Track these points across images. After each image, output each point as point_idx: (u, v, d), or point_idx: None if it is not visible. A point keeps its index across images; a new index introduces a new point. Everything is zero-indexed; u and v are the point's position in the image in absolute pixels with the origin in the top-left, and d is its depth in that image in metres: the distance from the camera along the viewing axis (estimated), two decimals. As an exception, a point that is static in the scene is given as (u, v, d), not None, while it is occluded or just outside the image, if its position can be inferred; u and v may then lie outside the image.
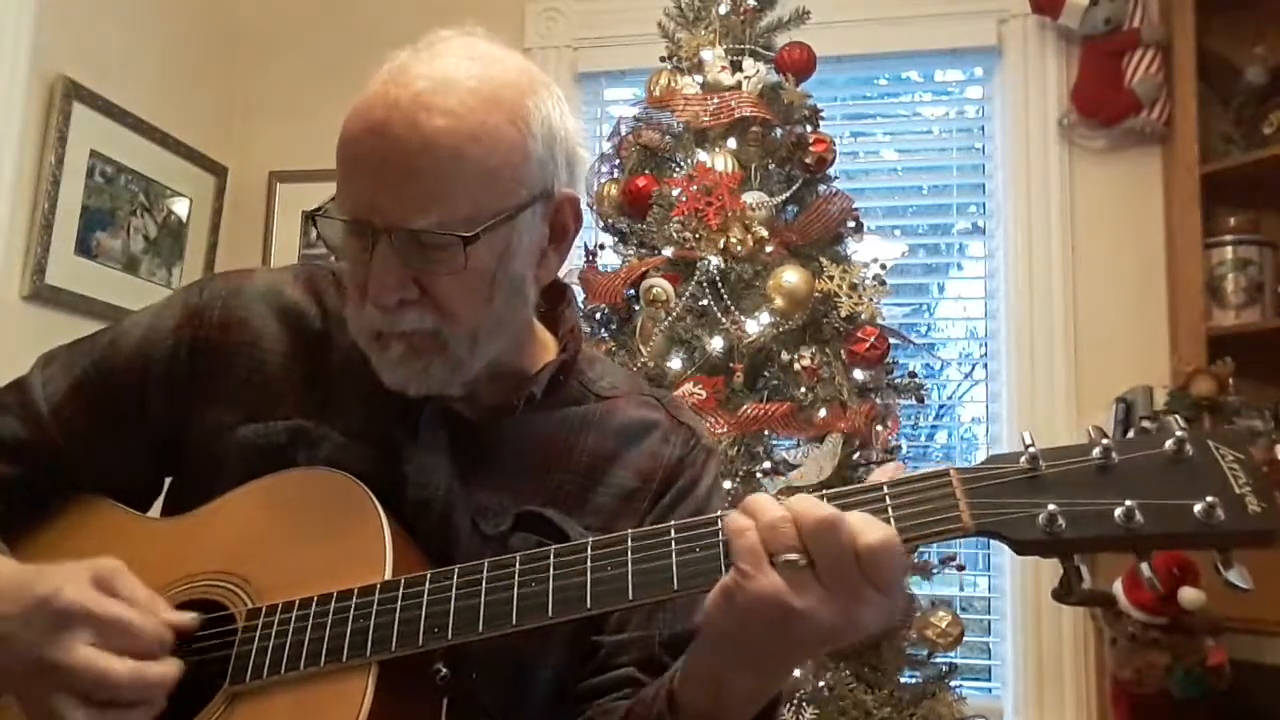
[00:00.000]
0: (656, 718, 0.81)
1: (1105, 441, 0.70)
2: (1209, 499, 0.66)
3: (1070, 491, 0.69)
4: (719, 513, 0.75)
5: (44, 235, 2.58)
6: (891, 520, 0.71)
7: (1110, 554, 2.55)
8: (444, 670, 0.80)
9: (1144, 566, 0.69)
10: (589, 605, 0.75)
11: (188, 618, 0.83)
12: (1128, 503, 0.67)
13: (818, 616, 0.67)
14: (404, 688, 0.79)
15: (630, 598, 0.75)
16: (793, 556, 0.68)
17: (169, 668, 0.79)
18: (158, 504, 1.02)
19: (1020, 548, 0.70)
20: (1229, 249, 2.57)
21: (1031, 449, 0.71)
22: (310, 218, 0.92)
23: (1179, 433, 0.69)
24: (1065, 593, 0.71)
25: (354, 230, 0.85)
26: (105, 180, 2.78)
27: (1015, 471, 0.71)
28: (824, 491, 0.74)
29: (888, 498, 0.72)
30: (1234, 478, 0.68)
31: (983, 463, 0.73)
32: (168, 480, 1.02)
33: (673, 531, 0.76)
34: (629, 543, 0.76)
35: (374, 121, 0.83)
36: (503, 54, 0.90)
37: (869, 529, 0.68)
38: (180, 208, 3.07)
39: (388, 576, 0.81)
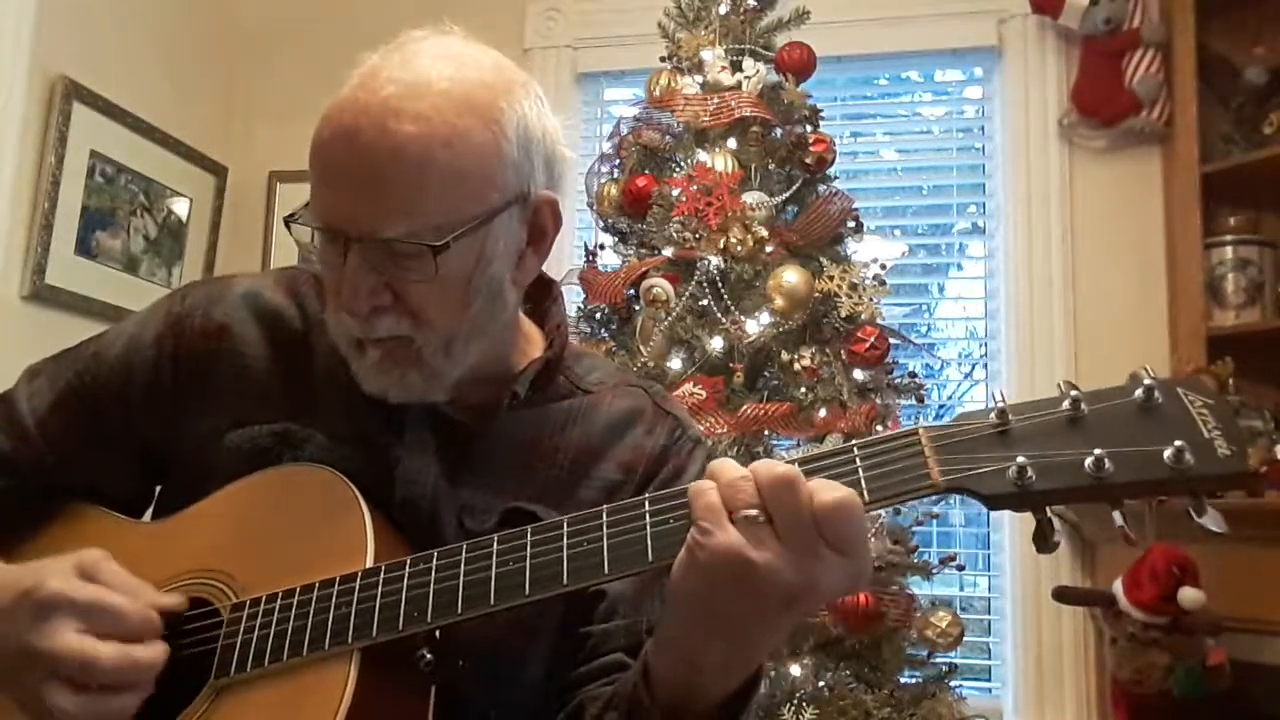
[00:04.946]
0: (633, 691, 0.80)
1: (1075, 393, 0.70)
2: (1178, 444, 0.66)
3: (1040, 444, 0.69)
4: (691, 483, 0.74)
5: (44, 235, 2.59)
6: (861, 480, 0.71)
7: (1110, 554, 2.54)
8: (428, 656, 0.79)
9: (1116, 515, 0.69)
10: (565, 581, 0.75)
11: (174, 600, 0.83)
12: (1097, 452, 0.67)
13: (777, 573, 0.67)
14: (388, 674, 0.79)
15: (606, 571, 0.74)
16: (751, 512, 0.68)
17: (156, 650, 0.79)
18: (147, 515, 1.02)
19: (991, 502, 0.70)
20: (1229, 249, 2.58)
21: (1001, 404, 0.71)
22: (286, 223, 0.91)
23: (1147, 381, 0.69)
24: (1040, 544, 0.70)
25: (327, 237, 0.85)
26: (105, 180, 2.78)
27: (985, 427, 0.71)
28: (797, 456, 0.74)
29: (858, 459, 0.72)
30: (1203, 422, 0.68)
31: (952, 420, 0.73)
32: (158, 489, 1.02)
33: (647, 504, 0.75)
34: (604, 517, 0.76)
35: (343, 128, 0.81)
36: (478, 53, 0.88)
37: (826, 489, 0.68)
38: (180, 208, 3.07)
39: (369, 565, 0.81)
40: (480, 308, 0.88)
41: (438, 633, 0.79)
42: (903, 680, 2.02)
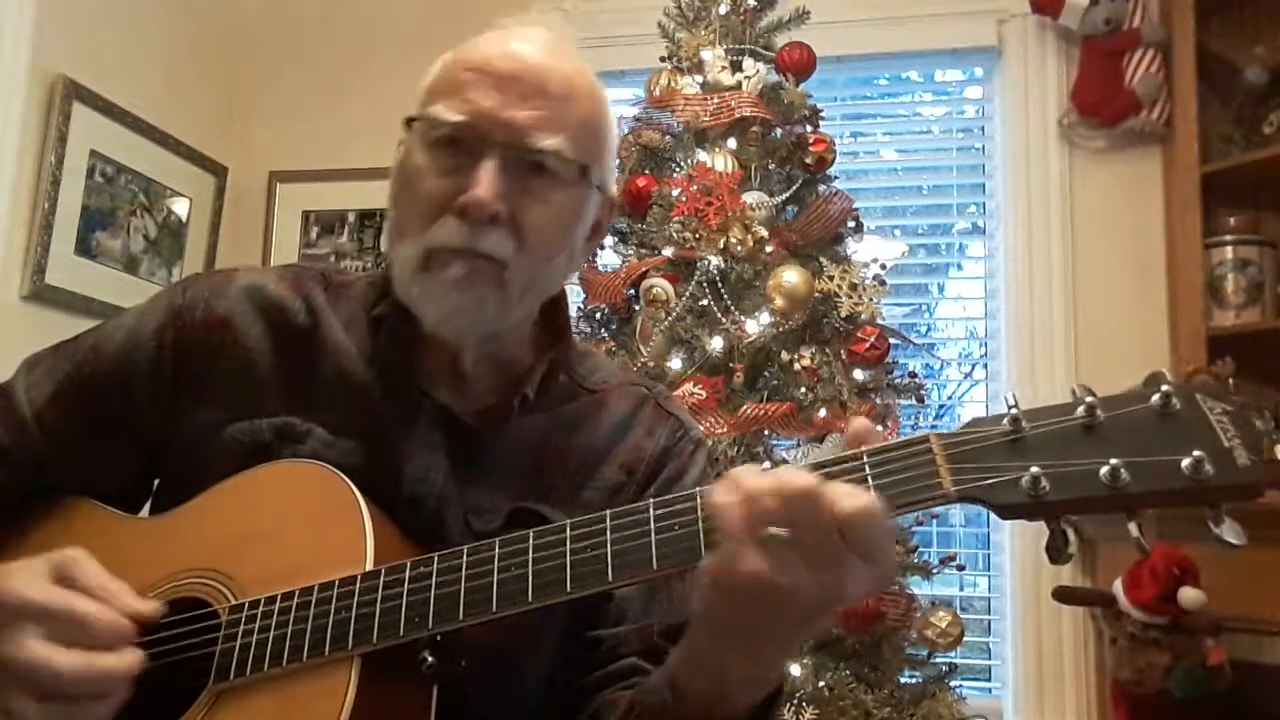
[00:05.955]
0: (660, 705, 0.80)
1: (1090, 399, 0.68)
2: (1196, 453, 0.64)
3: (1054, 452, 0.67)
4: (697, 489, 0.73)
5: (44, 235, 2.58)
6: (871, 489, 0.69)
7: (1110, 554, 2.54)
8: (430, 659, 0.79)
9: (1132, 526, 0.67)
10: (569, 588, 0.74)
11: (151, 606, 0.81)
12: (1113, 461, 0.65)
13: (804, 590, 0.66)
14: (390, 677, 0.78)
15: (610, 579, 0.74)
16: (776, 531, 0.66)
17: (124, 659, 0.76)
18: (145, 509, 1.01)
19: (1004, 512, 0.68)
20: (1229, 249, 2.57)
21: (1014, 410, 0.69)
22: (408, 122, 0.90)
23: (1165, 387, 0.67)
24: (1054, 555, 0.68)
25: (458, 137, 0.87)
26: (105, 180, 2.78)
27: (997, 434, 0.68)
28: (804, 462, 0.72)
29: (867, 466, 0.70)
30: (1222, 431, 0.66)
31: (964, 427, 0.70)
32: (156, 482, 1.01)
33: (651, 510, 0.74)
34: (608, 523, 0.75)
35: (509, 50, 0.89)
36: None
37: (848, 497, 0.66)
38: (180, 208, 3.07)
39: (369, 568, 0.80)
40: (560, 261, 0.93)
41: (439, 635, 0.79)
42: (903, 680, 2.02)
